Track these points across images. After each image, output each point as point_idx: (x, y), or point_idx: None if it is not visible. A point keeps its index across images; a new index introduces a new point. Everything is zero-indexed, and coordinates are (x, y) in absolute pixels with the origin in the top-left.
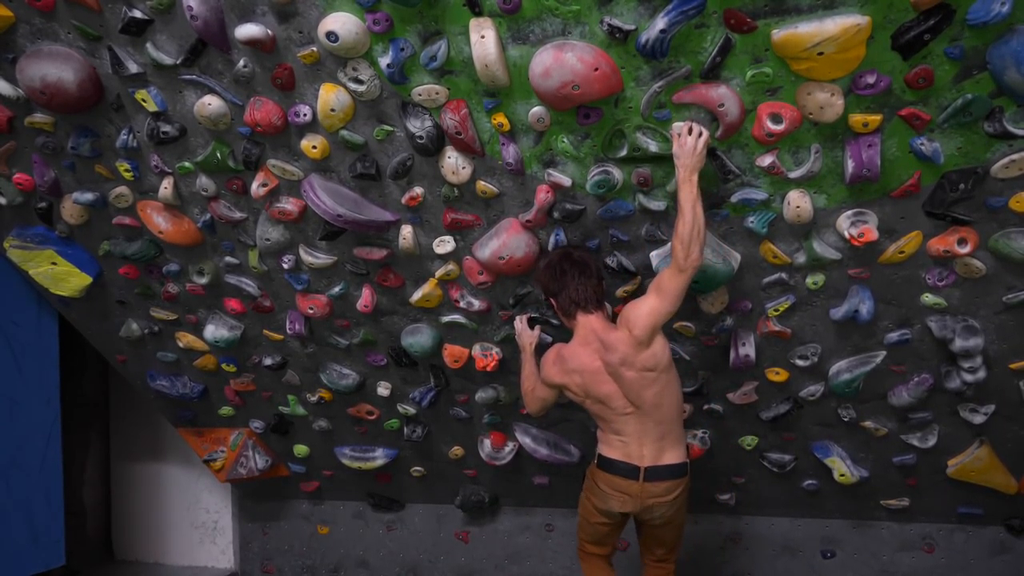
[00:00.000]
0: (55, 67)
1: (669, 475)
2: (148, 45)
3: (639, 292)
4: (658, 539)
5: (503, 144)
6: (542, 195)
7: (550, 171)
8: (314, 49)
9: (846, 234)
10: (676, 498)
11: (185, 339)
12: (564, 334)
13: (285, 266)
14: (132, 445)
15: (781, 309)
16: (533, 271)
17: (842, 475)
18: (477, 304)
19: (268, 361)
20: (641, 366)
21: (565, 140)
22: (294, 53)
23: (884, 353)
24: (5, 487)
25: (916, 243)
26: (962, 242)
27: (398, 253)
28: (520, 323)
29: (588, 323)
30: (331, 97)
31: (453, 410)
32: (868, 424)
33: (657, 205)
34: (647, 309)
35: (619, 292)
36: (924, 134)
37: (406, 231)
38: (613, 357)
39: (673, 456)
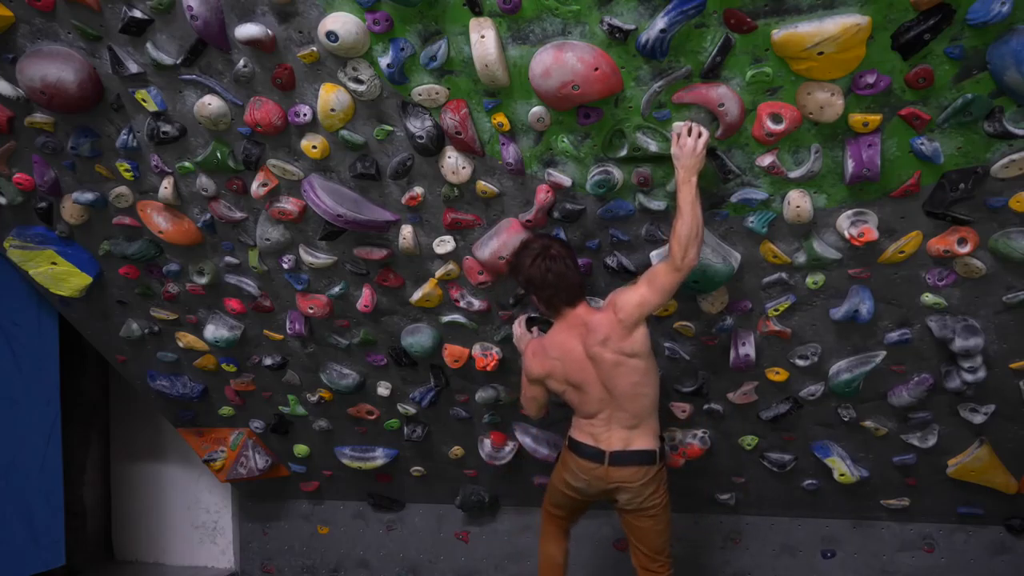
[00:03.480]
0: (55, 67)
1: (634, 461)
2: (148, 45)
3: None
4: (638, 533)
5: (503, 144)
6: (542, 195)
7: (550, 171)
8: (314, 49)
9: (846, 234)
10: (644, 484)
11: (185, 339)
12: None
13: (285, 266)
14: (132, 445)
15: (781, 309)
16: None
17: (842, 475)
18: (477, 304)
19: (268, 361)
20: (619, 349)
21: (565, 140)
22: (294, 53)
23: (884, 353)
24: (5, 487)
25: (916, 243)
26: (962, 242)
27: (398, 253)
28: (519, 327)
29: (575, 313)
30: (331, 97)
31: (453, 410)
32: (868, 424)
33: (657, 205)
34: (637, 298)
35: None
36: (924, 134)
37: (406, 231)
38: (595, 338)
39: (641, 444)
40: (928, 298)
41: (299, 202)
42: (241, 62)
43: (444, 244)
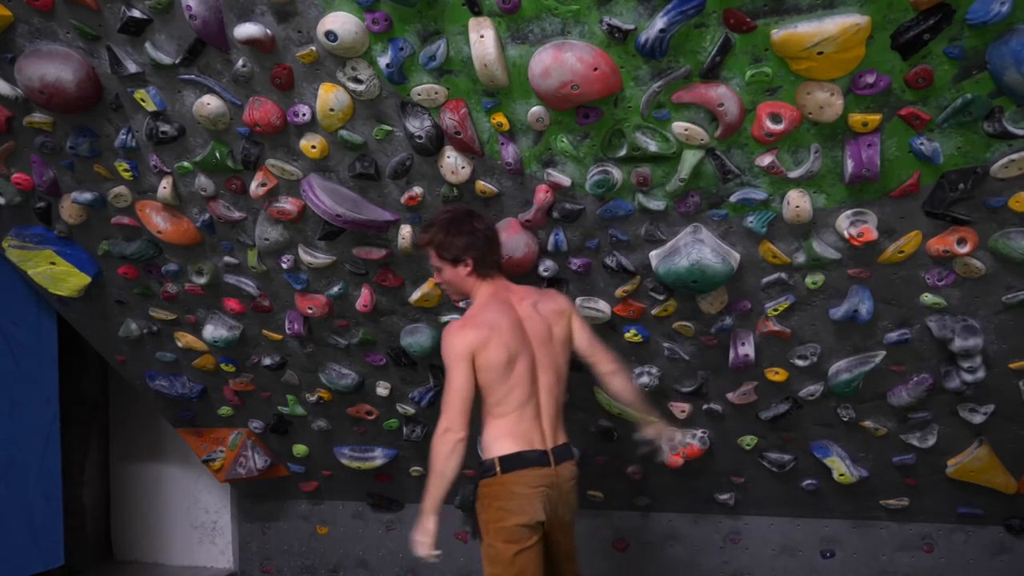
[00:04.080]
0: (54, 67)
1: (569, 455)
2: (147, 45)
3: (639, 292)
4: (568, 548)
5: (502, 144)
6: (541, 195)
7: (549, 171)
8: (313, 49)
9: (846, 234)
10: (576, 483)
11: (184, 339)
12: None
13: (284, 266)
14: (132, 445)
15: (780, 309)
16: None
17: (842, 475)
18: None
19: (267, 361)
20: (547, 325)
21: (564, 140)
22: (293, 53)
23: (884, 353)
24: (5, 487)
25: (916, 243)
26: (962, 242)
27: (397, 253)
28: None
29: (501, 277)
30: (330, 97)
31: None
32: (868, 424)
33: (656, 205)
34: (588, 330)
35: (619, 292)
36: (924, 134)
37: (405, 231)
38: (528, 300)
39: (564, 438)
40: (928, 298)
41: (298, 202)
42: (240, 62)
43: None
